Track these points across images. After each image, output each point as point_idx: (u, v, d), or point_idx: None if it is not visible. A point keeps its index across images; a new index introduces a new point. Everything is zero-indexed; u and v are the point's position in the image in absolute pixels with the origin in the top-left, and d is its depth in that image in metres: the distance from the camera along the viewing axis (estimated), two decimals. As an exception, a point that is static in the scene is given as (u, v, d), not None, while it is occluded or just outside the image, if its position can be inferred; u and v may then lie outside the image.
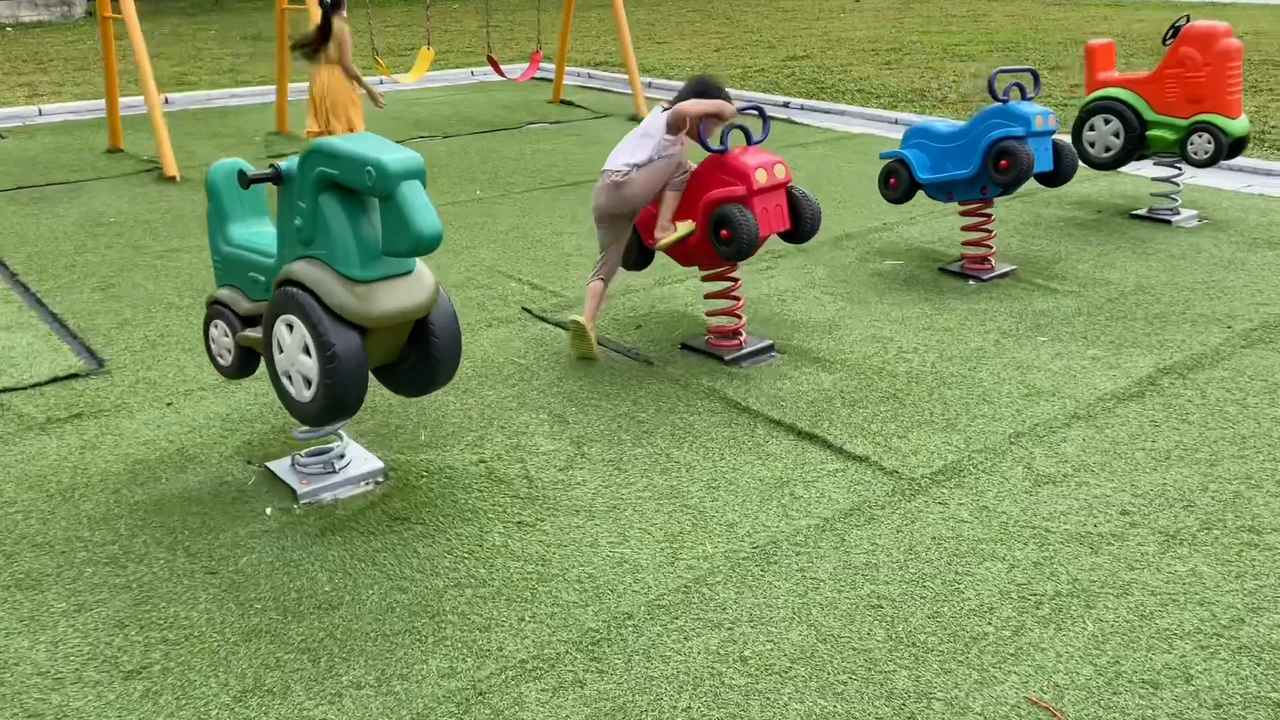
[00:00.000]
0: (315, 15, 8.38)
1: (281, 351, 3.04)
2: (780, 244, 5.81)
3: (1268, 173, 7.39)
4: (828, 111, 10.45)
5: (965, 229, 5.42)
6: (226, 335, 3.36)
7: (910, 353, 4.43)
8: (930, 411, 3.88)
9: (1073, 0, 23.08)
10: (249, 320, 3.30)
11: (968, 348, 4.47)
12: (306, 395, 3.00)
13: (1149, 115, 6.13)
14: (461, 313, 4.97)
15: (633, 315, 4.93)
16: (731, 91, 4.53)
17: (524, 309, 5.02)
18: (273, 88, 9.77)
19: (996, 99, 5.10)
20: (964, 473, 3.43)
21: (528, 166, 8.20)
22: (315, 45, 7.34)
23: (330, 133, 7.53)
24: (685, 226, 4.30)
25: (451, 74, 13.56)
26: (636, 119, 9.58)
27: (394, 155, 2.76)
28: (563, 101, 11.20)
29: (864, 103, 10.74)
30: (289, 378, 3.05)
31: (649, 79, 12.31)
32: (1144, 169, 7.09)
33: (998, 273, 5.34)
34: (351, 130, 7.65)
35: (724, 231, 4.08)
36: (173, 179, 7.77)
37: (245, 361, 3.39)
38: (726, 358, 4.34)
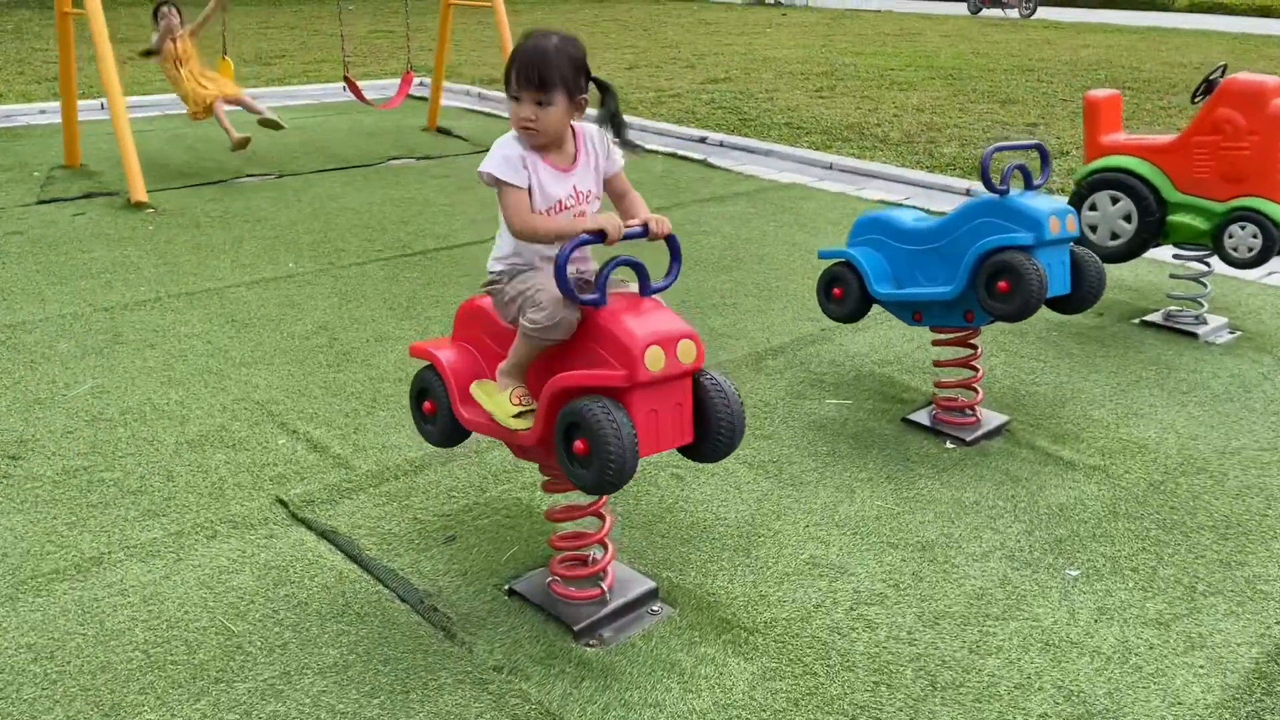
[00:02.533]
0: (99, 20, 6.54)
1: None
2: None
3: (1288, 254, 5.96)
4: (751, 151, 8.85)
5: (940, 364, 3.82)
6: None
7: (873, 603, 2.78)
8: (917, 770, 2.23)
9: (1010, 21, 22.00)
10: None
11: (961, 593, 2.84)
12: None
13: (1171, 195, 4.61)
14: (169, 508, 3.17)
15: (444, 513, 3.20)
16: (638, 127, 2.80)
17: (279, 500, 3.25)
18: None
19: (992, 189, 3.50)
20: None
21: (371, 222, 6.41)
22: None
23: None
24: (504, 408, 2.59)
25: (317, 89, 11.68)
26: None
27: None
28: (439, 130, 9.42)
29: (793, 140, 9.16)
30: None
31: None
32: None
33: (985, 429, 3.74)
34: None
35: (578, 443, 2.38)
36: (-114, 235, 5.82)
37: None
38: (576, 627, 2.64)
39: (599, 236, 2.43)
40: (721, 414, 2.47)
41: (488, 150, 2.59)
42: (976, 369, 3.73)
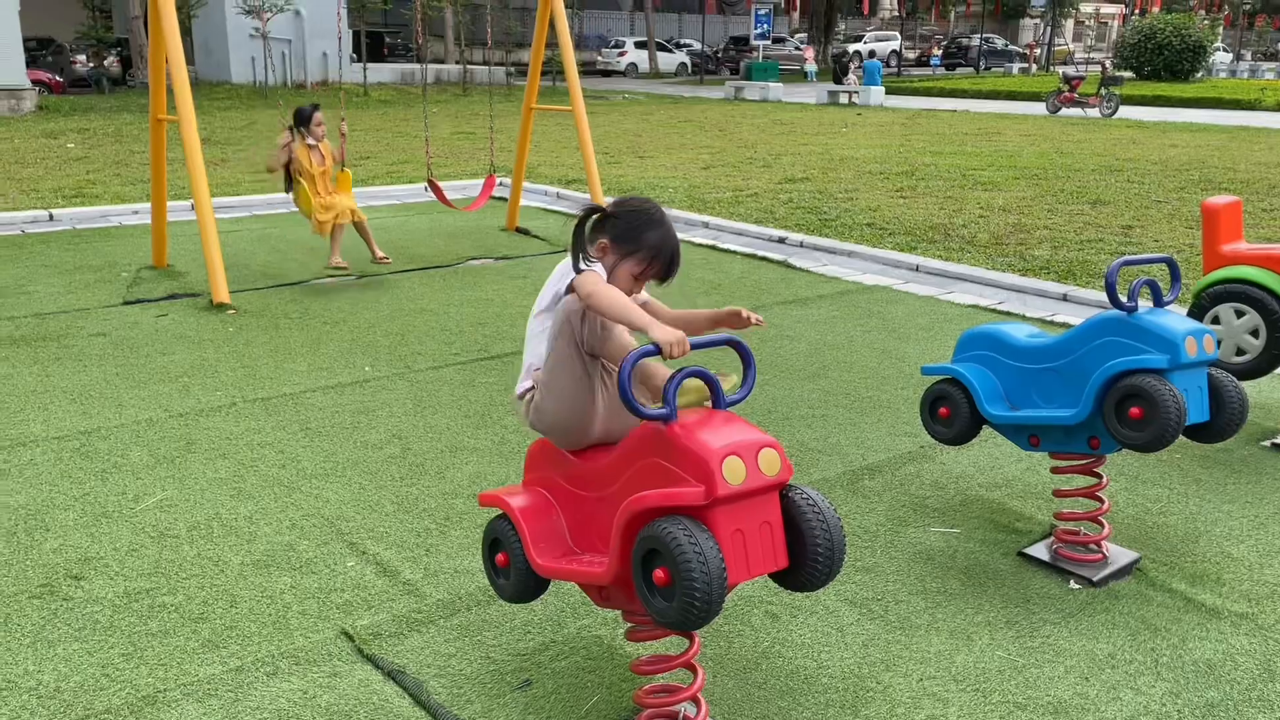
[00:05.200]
0: (191, 128, 6.67)
1: None
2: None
3: None
4: (833, 252, 8.65)
5: (1061, 494, 3.50)
6: None
7: (1002, 778, 2.45)
8: None
9: (1090, 120, 21.76)
10: None
11: (1104, 767, 2.49)
12: None
13: (1304, 308, 4.28)
14: (230, 638, 2.97)
15: (519, 651, 2.95)
16: (698, 222, 2.62)
17: (345, 632, 3.04)
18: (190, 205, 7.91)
19: (1119, 306, 3.23)
20: None
21: (449, 325, 6.32)
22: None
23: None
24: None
25: (400, 190, 11.86)
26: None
27: None
28: (518, 230, 9.43)
29: (876, 241, 8.96)
30: None
31: (624, 203, 10.56)
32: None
33: (1113, 568, 3.39)
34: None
35: (658, 571, 2.14)
36: (-26, 335, 5.88)
37: None
38: (667, 798, 2.36)
39: (657, 349, 2.29)
40: (818, 534, 2.21)
41: (566, 251, 2.50)
42: (1102, 500, 3.40)
